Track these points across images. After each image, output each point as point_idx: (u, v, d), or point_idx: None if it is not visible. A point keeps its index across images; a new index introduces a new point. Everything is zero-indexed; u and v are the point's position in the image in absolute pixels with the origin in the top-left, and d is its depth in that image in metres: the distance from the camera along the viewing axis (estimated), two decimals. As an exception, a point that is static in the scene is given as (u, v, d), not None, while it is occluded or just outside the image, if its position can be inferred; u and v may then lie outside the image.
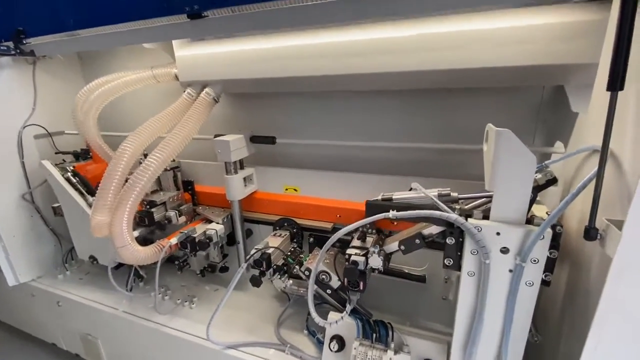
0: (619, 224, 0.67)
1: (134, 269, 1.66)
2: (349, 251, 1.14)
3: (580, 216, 0.90)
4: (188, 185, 1.74)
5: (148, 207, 1.55)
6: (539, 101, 1.24)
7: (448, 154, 1.36)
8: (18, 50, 1.57)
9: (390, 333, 1.15)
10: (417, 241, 1.06)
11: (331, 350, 1.20)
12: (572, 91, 1.04)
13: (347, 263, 1.12)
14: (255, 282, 1.34)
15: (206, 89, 1.42)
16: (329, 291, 1.35)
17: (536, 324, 1.12)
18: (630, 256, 0.66)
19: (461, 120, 1.33)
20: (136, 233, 1.51)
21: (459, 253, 0.97)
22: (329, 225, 1.47)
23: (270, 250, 1.34)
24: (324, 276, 1.32)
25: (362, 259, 1.08)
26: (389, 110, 1.44)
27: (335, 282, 1.34)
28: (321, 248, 1.48)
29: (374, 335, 1.16)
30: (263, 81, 1.31)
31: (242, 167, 1.55)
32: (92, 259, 1.78)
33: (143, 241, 1.58)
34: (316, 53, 1.18)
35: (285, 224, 1.55)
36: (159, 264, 1.40)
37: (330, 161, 1.57)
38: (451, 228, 0.97)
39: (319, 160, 1.59)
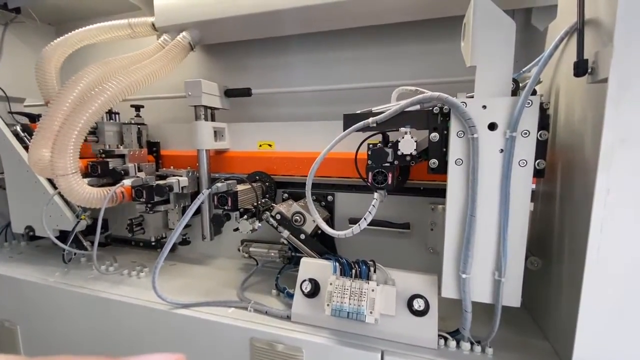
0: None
1: (74, 235, 1.42)
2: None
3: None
4: (153, 147, 1.60)
5: (104, 156, 1.40)
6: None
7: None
8: (-12, -1, 1.53)
9: (372, 269, 0.98)
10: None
11: (303, 293, 1.00)
12: (539, 12, 1.09)
13: (372, 146, 0.94)
14: (218, 221, 1.16)
15: (183, 33, 1.39)
16: (302, 236, 1.19)
17: (533, 252, 1.00)
18: (626, 70, 0.61)
19: (443, 58, 1.34)
20: (85, 181, 1.32)
21: (444, 149, 0.88)
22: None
23: (238, 189, 1.19)
24: (297, 217, 1.18)
25: (390, 150, 0.92)
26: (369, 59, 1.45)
27: (309, 226, 1.19)
28: (295, 200, 1.36)
29: (354, 271, 0.98)
30: (242, 19, 1.30)
31: (213, 119, 1.46)
32: (29, 229, 1.53)
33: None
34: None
35: (257, 177, 1.41)
36: (102, 209, 1.21)
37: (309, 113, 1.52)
38: (435, 123, 0.90)
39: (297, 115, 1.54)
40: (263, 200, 1.29)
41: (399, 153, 0.92)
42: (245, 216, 1.19)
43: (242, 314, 1.07)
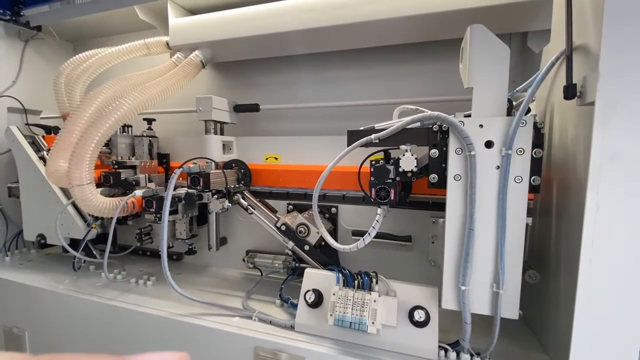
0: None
1: (84, 244, 1.46)
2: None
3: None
4: (163, 158, 1.65)
5: (116, 167, 1.45)
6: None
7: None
8: (13, 18, 1.62)
9: (374, 280, 1.01)
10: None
11: (307, 303, 1.03)
12: (534, 35, 1.14)
13: (375, 163, 1.00)
14: (189, 199, 1.25)
15: (195, 51, 1.47)
16: (307, 247, 1.22)
17: (532, 265, 1.03)
18: (611, 94, 0.65)
19: (442, 77, 1.39)
20: (98, 191, 1.37)
21: (443, 165, 0.93)
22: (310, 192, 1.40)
23: (211, 171, 1.27)
24: (302, 229, 1.22)
25: (392, 167, 0.97)
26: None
27: (313, 237, 1.22)
28: (299, 212, 1.40)
29: (356, 282, 1.01)
30: (252, 40, 1.37)
31: (222, 133, 1.52)
32: (40, 237, 1.58)
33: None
34: (303, 7, 1.27)
35: (234, 165, 1.47)
36: (114, 219, 1.25)
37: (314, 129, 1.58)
38: (434, 140, 0.94)
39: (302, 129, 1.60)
40: (237, 185, 1.39)
41: (401, 170, 0.96)
42: (216, 196, 1.27)
43: (247, 323, 1.10)
